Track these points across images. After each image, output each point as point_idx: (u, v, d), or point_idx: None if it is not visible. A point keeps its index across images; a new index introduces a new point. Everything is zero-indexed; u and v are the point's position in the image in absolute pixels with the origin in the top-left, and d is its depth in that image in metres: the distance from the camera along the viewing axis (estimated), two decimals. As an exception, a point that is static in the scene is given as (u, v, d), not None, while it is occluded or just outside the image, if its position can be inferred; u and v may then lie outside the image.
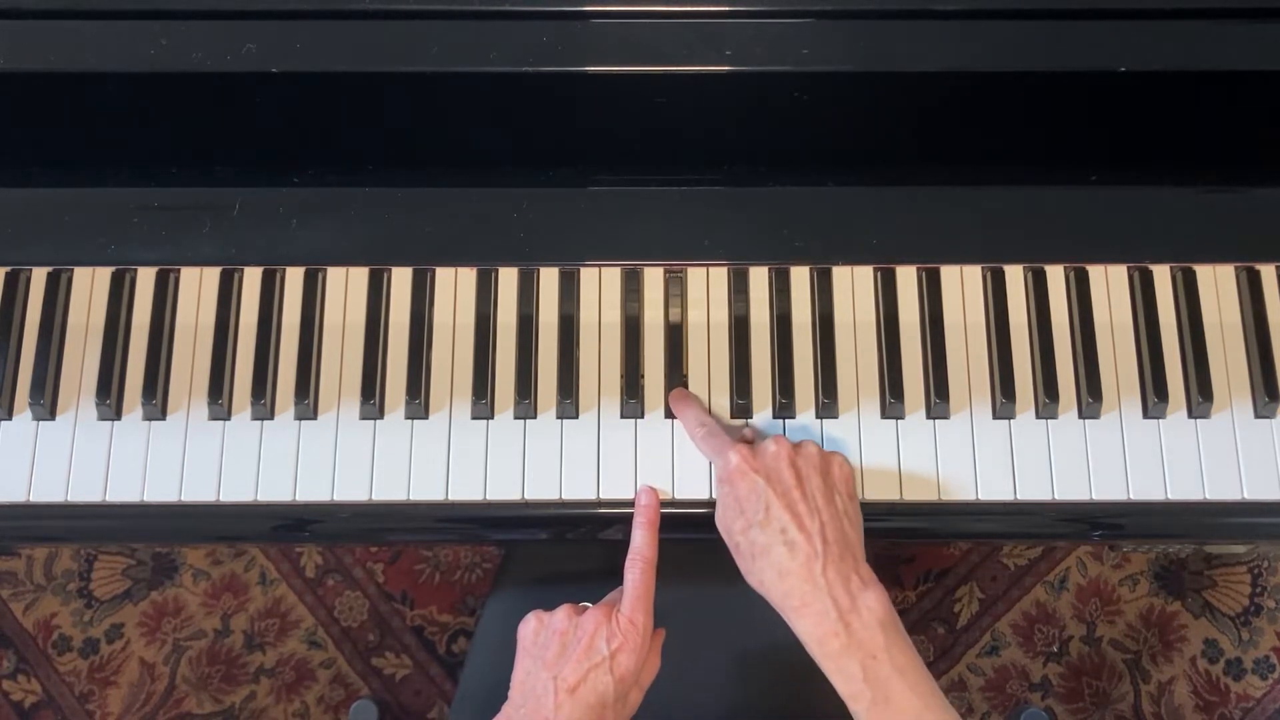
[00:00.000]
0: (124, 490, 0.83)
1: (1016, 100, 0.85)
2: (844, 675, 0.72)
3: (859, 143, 0.87)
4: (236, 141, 0.86)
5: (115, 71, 0.81)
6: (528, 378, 0.85)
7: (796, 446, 0.78)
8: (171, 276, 0.87)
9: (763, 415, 0.85)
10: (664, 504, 0.83)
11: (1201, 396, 0.84)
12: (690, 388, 0.85)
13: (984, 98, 0.85)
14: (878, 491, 0.83)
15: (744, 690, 0.95)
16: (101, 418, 0.85)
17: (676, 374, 0.85)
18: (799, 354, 0.86)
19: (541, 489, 0.84)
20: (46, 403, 0.84)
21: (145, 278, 0.87)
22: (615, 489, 0.84)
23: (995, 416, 0.85)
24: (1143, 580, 1.60)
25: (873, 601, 0.73)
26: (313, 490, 0.83)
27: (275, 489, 0.83)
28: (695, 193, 0.84)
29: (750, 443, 0.79)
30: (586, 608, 0.78)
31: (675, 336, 0.86)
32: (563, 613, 0.78)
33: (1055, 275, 0.88)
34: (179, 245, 0.83)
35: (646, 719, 0.79)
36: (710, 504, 0.82)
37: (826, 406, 0.84)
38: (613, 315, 0.87)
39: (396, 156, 0.86)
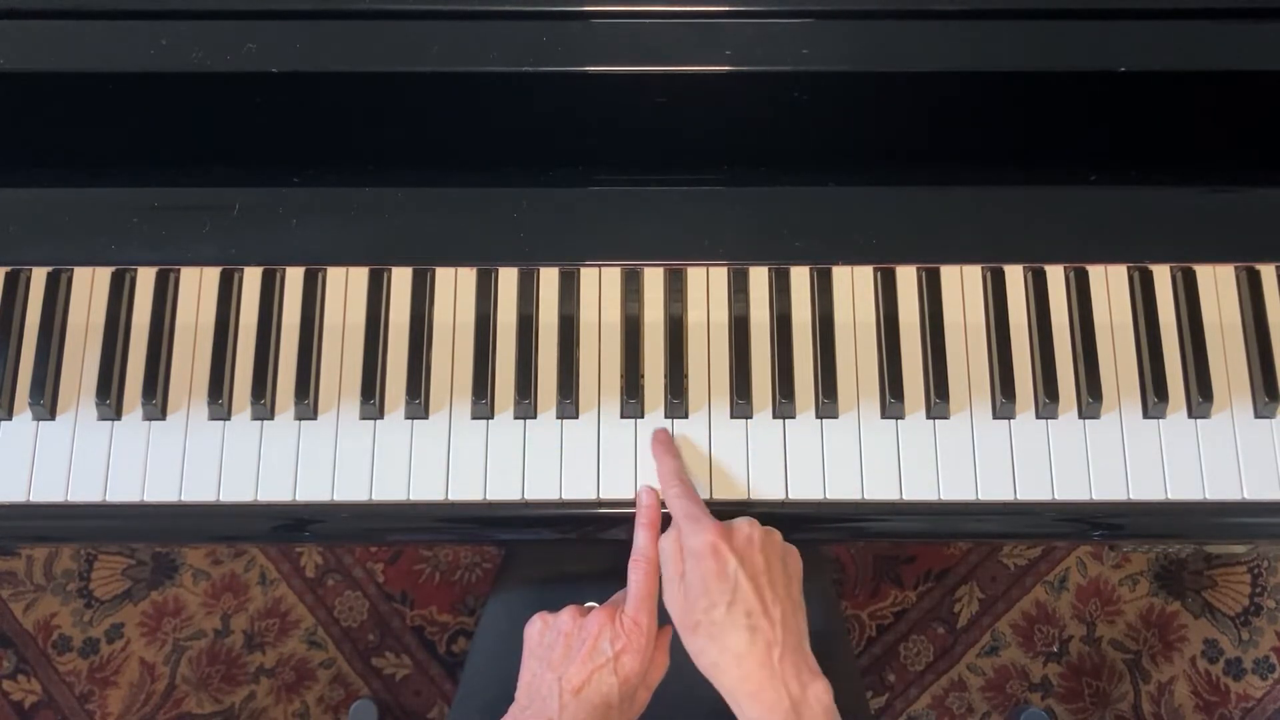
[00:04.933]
0: (124, 490, 0.83)
1: (1016, 100, 0.85)
2: None
3: (859, 143, 0.87)
4: (236, 141, 0.86)
5: (115, 71, 0.81)
6: (528, 378, 0.85)
7: (765, 532, 0.77)
8: (171, 276, 0.87)
9: (763, 415, 0.85)
10: (664, 504, 0.83)
11: (1201, 396, 0.84)
12: (690, 388, 0.85)
13: (984, 98, 0.85)
14: (878, 491, 0.83)
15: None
16: (101, 418, 0.85)
17: (677, 374, 0.85)
18: (799, 354, 0.86)
19: (541, 489, 0.84)
20: (46, 403, 0.84)
21: (145, 278, 0.87)
22: (615, 489, 0.84)
23: (995, 416, 0.85)
24: (1143, 580, 1.61)
25: (821, 692, 0.72)
26: (313, 490, 0.83)
27: (275, 489, 0.83)
28: (695, 193, 0.84)
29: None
30: (592, 608, 0.78)
31: (675, 336, 0.86)
32: (568, 614, 0.78)
33: (1055, 275, 0.88)
34: (179, 245, 0.83)
35: (654, 716, 0.79)
36: (709, 503, 0.82)
37: (826, 406, 0.84)
38: (613, 315, 0.87)
39: (396, 156, 0.86)
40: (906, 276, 0.87)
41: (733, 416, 0.85)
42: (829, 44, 0.80)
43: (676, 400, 0.85)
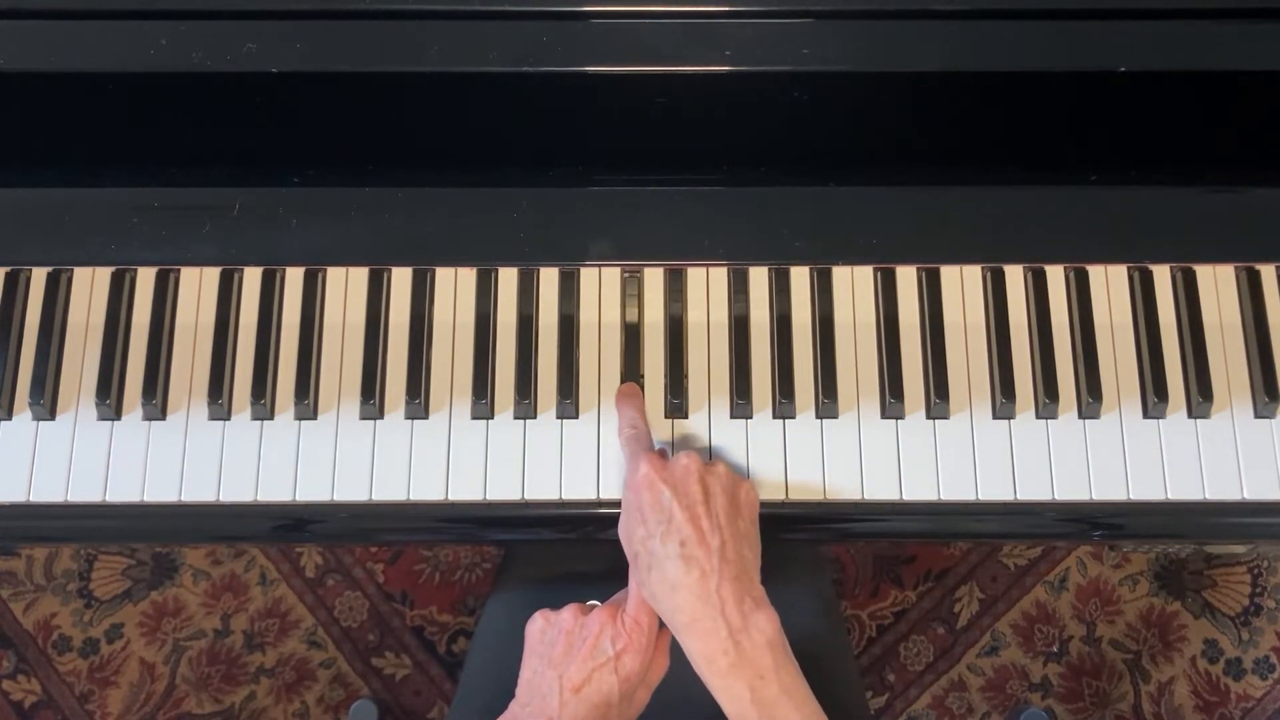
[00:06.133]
0: (124, 490, 0.83)
1: (1016, 100, 0.85)
2: (730, 695, 0.71)
3: (859, 143, 0.87)
4: (236, 141, 0.86)
5: (115, 71, 0.81)
6: (528, 378, 0.85)
7: (708, 465, 0.77)
8: (171, 276, 0.87)
9: (763, 415, 0.85)
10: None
11: (1201, 396, 0.84)
12: (690, 388, 0.85)
13: (984, 98, 0.85)
14: (878, 491, 0.83)
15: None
16: (101, 418, 0.85)
17: (677, 374, 0.85)
18: (799, 354, 0.86)
19: (541, 489, 0.84)
20: (46, 403, 0.84)
21: (145, 278, 0.87)
22: (615, 489, 0.84)
23: (995, 416, 0.85)
24: (1143, 580, 1.61)
25: (764, 623, 0.72)
26: (313, 490, 0.83)
27: (275, 489, 0.83)
28: (695, 193, 0.84)
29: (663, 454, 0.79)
30: (594, 606, 0.78)
31: (675, 336, 0.86)
32: (569, 612, 0.78)
33: (1055, 275, 0.88)
34: (179, 245, 0.83)
35: (654, 716, 0.79)
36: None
37: (826, 406, 0.84)
38: (613, 315, 0.87)
39: (396, 156, 0.86)
40: (906, 276, 0.87)
41: (733, 417, 0.85)
42: (829, 44, 0.80)
43: (676, 400, 0.85)
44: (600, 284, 0.87)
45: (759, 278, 0.87)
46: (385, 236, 0.83)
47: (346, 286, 0.87)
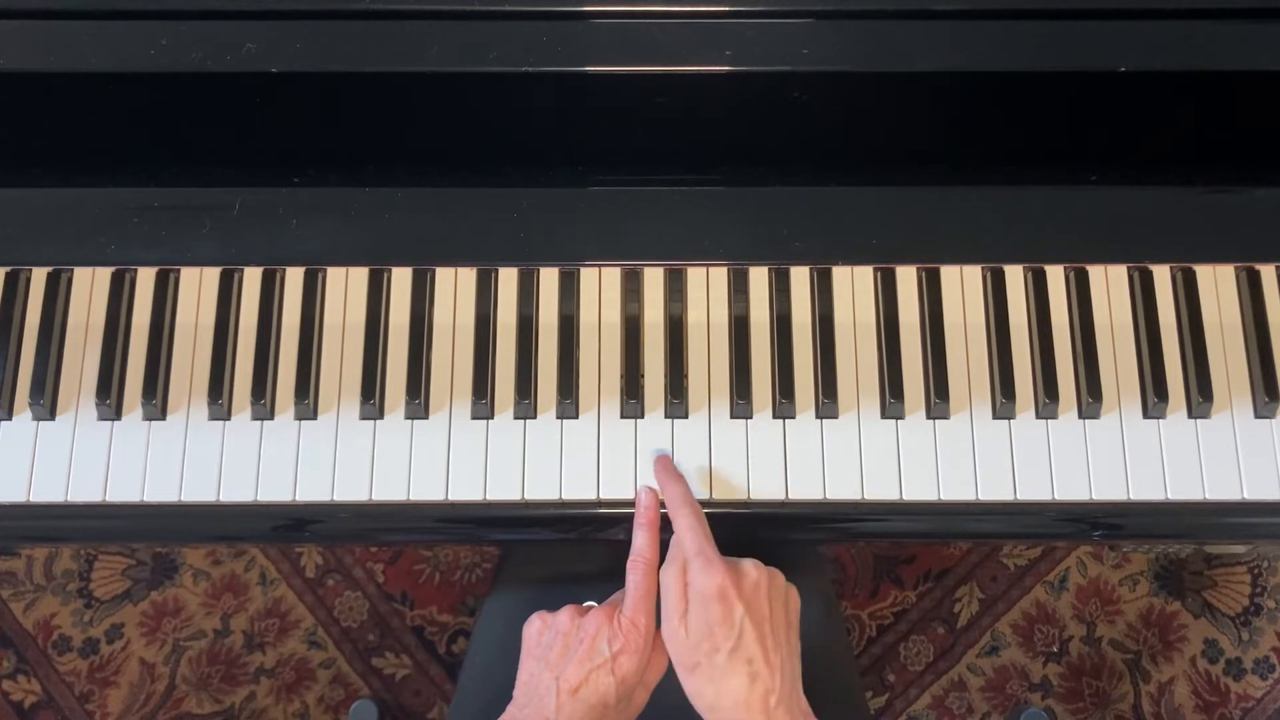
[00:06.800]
0: (124, 490, 0.83)
1: (1016, 100, 0.85)
2: None
3: (859, 143, 0.87)
4: (236, 141, 0.86)
5: (115, 71, 0.81)
6: (528, 378, 0.85)
7: (770, 575, 0.77)
8: (171, 276, 0.87)
9: (763, 415, 0.85)
10: (664, 504, 0.83)
11: (1201, 396, 0.84)
12: (690, 388, 0.85)
13: (984, 98, 0.85)
14: (878, 491, 0.83)
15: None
16: (101, 418, 0.85)
17: (677, 374, 0.85)
18: (799, 354, 0.86)
19: (541, 489, 0.84)
20: (46, 403, 0.84)
21: (145, 278, 0.87)
22: (615, 489, 0.84)
23: (995, 416, 0.85)
24: (1143, 580, 1.61)
25: None
26: (313, 490, 0.83)
27: (275, 489, 0.83)
28: (695, 193, 0.84)
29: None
30: (591, 608, 0.78)
31: (675, 336, 0.86)
32: (566, 613, 0.78)
33: (1055, 275, 0.88)
34: (179, 245, 0.83)
35: (652, 716, 0.79)
36: (708, 503, 0.82)
37: (826, 406, 0.84)
38: (613, 315, 0.87)
39: (396, 156, 0.86)
40: (906, 276, 0.87)
41: (733, 416, 0.85)
42: (829, 44, 0.80)
43: (676, 400, 0.85)
44: (600, 284, 0.87)
45: (759, 278, 0.87)
46: (385, 236, 0.83)
47: (346, 286, 0.87)
